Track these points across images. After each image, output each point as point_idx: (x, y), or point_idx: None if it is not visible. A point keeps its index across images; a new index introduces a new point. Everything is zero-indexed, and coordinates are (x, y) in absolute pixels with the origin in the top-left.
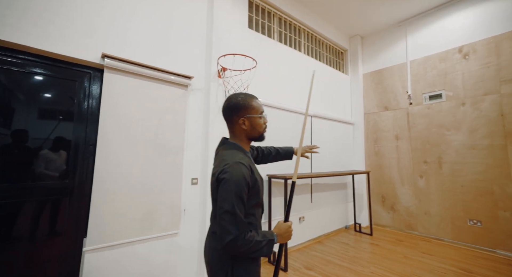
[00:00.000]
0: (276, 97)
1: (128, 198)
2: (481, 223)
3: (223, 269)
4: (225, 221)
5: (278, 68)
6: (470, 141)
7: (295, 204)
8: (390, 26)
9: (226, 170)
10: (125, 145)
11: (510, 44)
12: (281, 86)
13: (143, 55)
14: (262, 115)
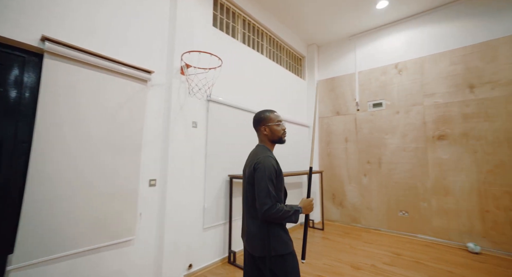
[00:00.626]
0: (239, 98)
1: (74, 203)
2: (408, 213)
3: (261, 240)
4: (262, 195)
5: (242, 69)
6: (402, 144)
7: None
8: (342, 39)
9: (259, 161)
10: (71, 143)
11: (431, 65)
12: (244, 87)
13: (97, 44)
14: (279, 123)
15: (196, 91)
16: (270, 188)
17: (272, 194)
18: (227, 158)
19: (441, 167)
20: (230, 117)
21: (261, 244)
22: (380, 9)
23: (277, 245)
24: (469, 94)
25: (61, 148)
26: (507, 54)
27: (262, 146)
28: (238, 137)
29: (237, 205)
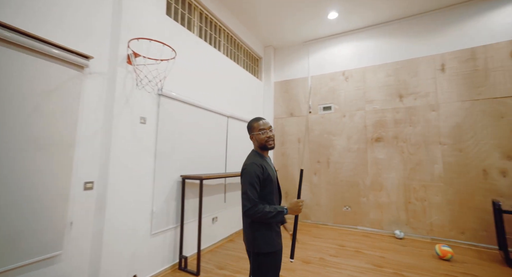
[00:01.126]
0: (195, 95)
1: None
2: (350, 207)
3: (249, 234)
4: (243, 198)
5: (198, 64)
6: (347, 145)
7: (208, 205)
8: (297, 44)
9: (245, 167)
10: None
11: (371, 74)
12: (200, 83)
13: (21, 18)
14: (260, 132)
15: (145, 84)
16: (249, 192)
17: (251, 197)
18: (179, 158)
19: (377, 166)
20: (184, 114)
21: (248, 241)
22: (331, 19)
23: (261, 243)
24: (399, 103)
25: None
26: (425, 71)
27: (253, 151)
28: (192, 136)
29: (190, 207)
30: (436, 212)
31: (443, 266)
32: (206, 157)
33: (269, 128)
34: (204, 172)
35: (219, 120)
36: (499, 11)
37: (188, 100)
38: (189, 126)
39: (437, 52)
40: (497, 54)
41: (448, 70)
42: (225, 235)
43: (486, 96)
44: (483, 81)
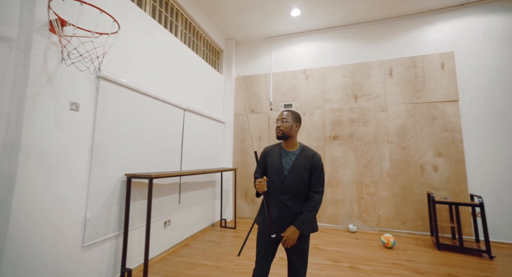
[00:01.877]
0: (145, 82)
1: None
2: None
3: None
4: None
5: (151, 48)
6: (307, 142)
7: (160, 208)
8: (260, 39)
9: None
10: None
11: (330, 75)
12: (153, 70)
13: None
14: (276, 122)
15: (76, 60)
16: (256, 170)
17: (255, 175)
18: (125, 153)
19: (334, 163)
20: (133, 103)
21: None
22: (294, 17)
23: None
24: (354, 103)
25: None
26: (376, 74)
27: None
28: (142, 129)
29: (138, 210)
30: (383, 206)
31: (390, 255)
32: (158, 153)
33: (281, 119)
34: (156, 169)
35: (175, 113)
36: (432, 27)
37: (137, 88)
38: (138, 117)
39: (386, 58)
40: (431, 64)
41: (395, 75)
42: (179, 240)
43: (424, 101)
44: (422, 87)
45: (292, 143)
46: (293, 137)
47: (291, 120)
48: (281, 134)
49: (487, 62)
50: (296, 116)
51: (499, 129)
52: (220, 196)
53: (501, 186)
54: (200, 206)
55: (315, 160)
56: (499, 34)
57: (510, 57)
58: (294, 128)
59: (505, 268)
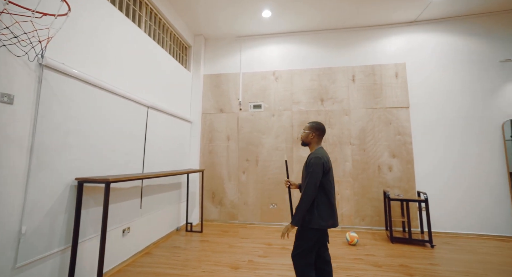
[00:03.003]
0: (101, 75)
1: None
2: (276, 205)
3: None
4: None
5: (109, 37)
6: (275, 143)
7: (118, 214)
8: (230, 37)
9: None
10: None
11: (298, 77)
12: (111, 62)
13: None
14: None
15: (8, 42)
16: None
17: None
18: (76, 155)
19: (301, 164)
20: (85, 98)
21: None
22: (265, 17)
23: None
24: (320, 106)
25: None
26: (341, 79)
27: None
28: (98, 126)
29: (91, 218)
30: (346, 204)
31: (352, 251)
32: (117, 154)
33: (303, 130)
34: (114, 172)
35: (137, 110)
36: (388, 39)
37: (92, 80)
38: (92, 114)
39: (349, 64)
40: (388, 73)
41: (357, 81)
42: (139, 248)
43: (381, 106)
44: (379, 93)
45: (311, 147)
46: (311, 143)
47: (307, 130)
48: (301, 142)
49: (433, 74)
50: (312, 126)
51: (442, 133)
52: (186, 198)
53: (441, 183)
54: (164, 210)
55: (308, 161)
56: (443, 50)
57: (453, 70)
58: (310, 137)
59: (443, 255)
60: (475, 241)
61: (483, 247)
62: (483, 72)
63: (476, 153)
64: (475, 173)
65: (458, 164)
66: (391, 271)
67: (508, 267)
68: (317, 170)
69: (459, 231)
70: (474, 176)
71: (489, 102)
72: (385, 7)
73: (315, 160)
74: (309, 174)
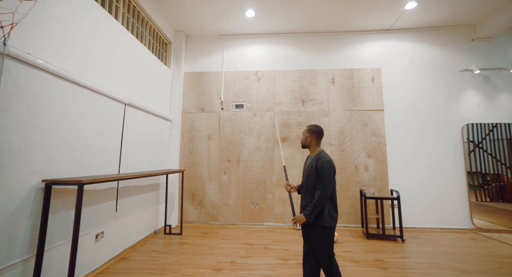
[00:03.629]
0: (74, 68)
1: None
2: (258, 205)
3: None
4: None
5: (82, 28)
6: (257, 143)
7: (91, 219)
8: (212, 35)
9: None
10: None
11: (280, 78)
12: (85, 55)
13: None
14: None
15: None
16: None
17: None
18: (43, 154)
19: (282, 164)
20: (57, 93)
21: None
22: (249, 17)
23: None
24: (301, 107)
25: None
26: (321, 82)
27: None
28: (69, 124)
29: (59, 223)
30: None
31: None
32: (91, 154)
33: (302, 133)
34: (87, 173)
35: (113, 107)
36: (366, 44)
37: (63, 74)
38: (62, 110)
39: (330, 67)
40: (365, 77)
41: (337, 84)
42: (115, 253)
43: (359, 108)
44: (357, 96)
45: (312, 150)
46: (310, 146)
47: (306, 133)
48: (301, 145)
49: (405, 79)
50: (311, 129)
51: (412, 135)
52: (164, 200)
53: (411, 182)
54: (142, 212)
55: (319, 163)
56: (413, 57)
57: (422, 77)
58: (309, 139)
59: (412, 248)
60: (438, 234)
61: (445, 239)
62: (447, 80)
63: (440, 153)
64: (439, 172)
65: (424, 164)
66: (367, 266)
67: (465, 256)
68: (329, 173)
69: (425, 226)
70: (438, 174)
71: (451, 107)
72: (363, 14)
73: (327, 164)
74: (323, 177)
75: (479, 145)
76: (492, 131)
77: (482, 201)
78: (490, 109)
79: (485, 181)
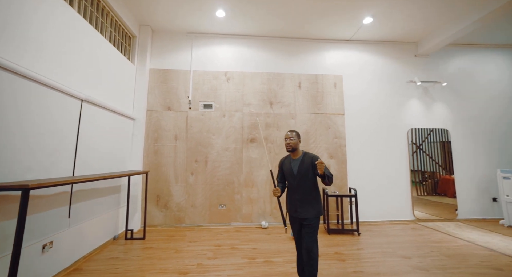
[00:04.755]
0: (19, 58)
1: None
2: (226, 205)
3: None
4: None
5: (30, 16)
6: (225, 144)
7: (37, 228)
8: (181, 32)
9: None
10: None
11: (249, 80)
12: (32, 44)
13: None
14: (285, 139)
15: None
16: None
17: (277, 178)
18: None
19: (251, 164)
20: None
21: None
22: (219, 17)
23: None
24: (269, 109)
25: None
26: (289, 85)
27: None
28: (10, 121)
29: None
30: None
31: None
32: (38, 154)
33: (289, 137)
34: (33, 176)
35: (67, 103)
36: (329, 52)
37: (4, 63)
38: (3, 105)
39: (296, 72)
40: (328, 82)
41: (303, 88)
42: (67, 264)
43: (322, 112)
44: (321, 100)
45: (297, 152)
46: (297, 149)
47: (295, 138)
48: (291, 149)
49: (362, 86)
50: (297, 134)
51: (367, 137)
52: (126, 203)
53: (366, 180)
54: (100, 217)
55: (316, 157)
56: (369, 67)
57: (376, 85)
58: (298, 143)
59: (367, 240)
60: (387, 226)
61: (392, 230)
62: (395, 89)
63: (389, 154)
64: (389, 170)
65: (376, 163)
66: (328, 259)
67: (408, 244)
68: None
69: (377, 219)
70: (387, 172)
71: (399, 113)
72: (327, 24)
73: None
74: (326, 169)
75: (420, 147)
76: (429, 135)
77: (421, 195)
78: (428, 116)
79: (424, 177)
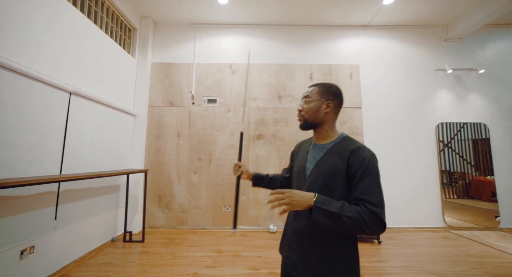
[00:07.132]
0: (11, 52)
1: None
2: (230, 207)
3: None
4: None
5: (20, 5)
6: (230, 141)
7: (16, 231)
8: (183, 23)
9: None
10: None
11: (256, 72)
12: (19, 34)
13: None
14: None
15: None
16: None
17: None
18: None
19: (258, 163)
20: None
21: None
22: (222, 4)
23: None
24: (278, 103)
25: None
26: (299, 77)
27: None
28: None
29: None
30: None
31: None
32: (15, 150)
33: (303, 98)
34: (7, 174)
35: (54, 96)
36: (344, 40)
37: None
38: None
39: (308, 62)
40: (343, 73)
41: (315, 80)
42: (53, 270)
43: None
44: None
45: (324, 132)
46: (323, 123)
47: (317, 98)
48: (302, 122)
49: (382, 77)
50: (327, 90)
51: (387, 133)
52: (125, 204)
53: (387, 180)
54: (95, 218)
55: (357, 159)
56: (390, 55)
57: (398, 75)
58: (324, 110)
59: (389, 251)
60: (413, 234)
61: (419, 239)
62: (421, 78)
63: (415, 152)
64: (414, 171)
65: (400, 163)
66: None
67: (439, 257)
68: (378, 175)
69: (401, 226)
70: (412, 173)
71: (426, 106)
72: (342, 8)
73: (375, 160)
74: (371, 178)
75: (448, 144)
76: (459, 131)
77: (450, 198)
78: (461, 108)
79: (453, 178)
